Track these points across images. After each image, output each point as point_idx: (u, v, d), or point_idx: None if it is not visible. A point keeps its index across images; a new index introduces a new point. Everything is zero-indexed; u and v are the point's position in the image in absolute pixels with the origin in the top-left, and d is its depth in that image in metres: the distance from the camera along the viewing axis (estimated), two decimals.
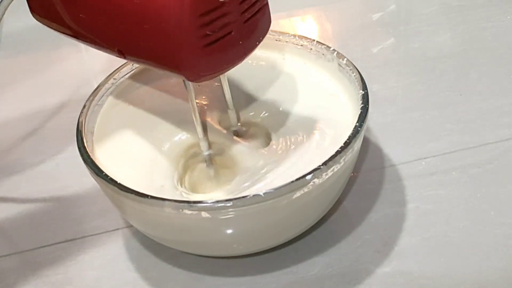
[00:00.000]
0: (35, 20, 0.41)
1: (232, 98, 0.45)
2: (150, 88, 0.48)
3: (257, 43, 0.38)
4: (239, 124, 0.47)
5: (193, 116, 0.42)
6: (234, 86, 0.49)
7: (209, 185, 0.44)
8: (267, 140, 0.46)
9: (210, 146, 0.45)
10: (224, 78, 0.43)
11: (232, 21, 0.36)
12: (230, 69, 0.38)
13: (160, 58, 0.36)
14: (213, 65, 0.36)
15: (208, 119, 0.48)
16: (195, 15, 0.34)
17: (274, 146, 0.45)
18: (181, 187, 0.43)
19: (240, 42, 0.37)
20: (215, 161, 0.45)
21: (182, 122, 0.47)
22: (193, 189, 0.43)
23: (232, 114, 0.46)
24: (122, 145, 0.45)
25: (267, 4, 0.38)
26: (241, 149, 0.45)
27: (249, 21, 0.37)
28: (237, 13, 0.36)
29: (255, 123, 0.47)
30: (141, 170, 0.44)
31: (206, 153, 0.44)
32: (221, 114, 0.48)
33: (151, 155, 0.45)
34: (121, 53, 0.38)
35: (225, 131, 0.47)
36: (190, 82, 0.40)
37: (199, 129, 0.42)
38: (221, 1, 0.35)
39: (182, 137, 0.47)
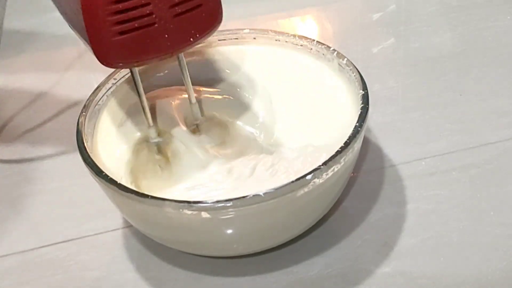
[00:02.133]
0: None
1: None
2: (150, 87, 0.48)
3: (191, 39, 0.38)
4: (203, 118, 0.46)
5: (140, 103, 0.42)
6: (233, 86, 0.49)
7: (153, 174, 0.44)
8: (223, 138, 0.46)
9: (159, 134, 0.45)
10: (186, 72, 0.43)
11: (155, 12, 0.36)
12: (154, 60, 0.38)
13: (84, 38, 0.36)
14: (128, 54, 0.36)
15: (175, 113, 0.47)
16: (108, 1, 0.34)
17: (228, 146, 0.45)
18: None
19: (166, 36, 0.37)
20: (163, 151, 0.45)
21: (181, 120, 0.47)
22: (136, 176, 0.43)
23: (194, 108, 0.45)
24: (123, 145, 0.45)
25: (208, 3, 0.38)
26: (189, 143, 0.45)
27: (179, 16, 0.37)
28: (164, 5, 0.36)
29: (218, 119, 0.47)
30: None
31: (153, 140, 0.44)
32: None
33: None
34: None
35: (182, 126, 0.46)
36: (135, 69, 0.41)
37: (147, 116, 0.43)
38: None
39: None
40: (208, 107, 0.47)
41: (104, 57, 0.37)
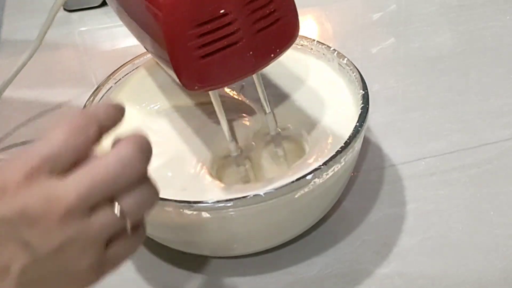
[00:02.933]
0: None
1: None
2: (151, 87, 0.48)
3: (272, 55, 0.36)
4: (278, 129, 0.44)
5: (219, 118, 0.40)
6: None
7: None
8: (300, 151, 0.44)
9: (239, 148, 0.43)
10: (259, 81, 0.41)
11: (239, 30, 0.34)
12: (236, 81, 0.36)
13: (167, 64, 0.35)
14: (213, 76, 0.35)
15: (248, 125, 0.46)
16: (190, 25, 0.33)
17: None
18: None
19: (250, 53, 0.35)
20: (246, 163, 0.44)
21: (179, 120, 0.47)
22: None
23: (269, 117, 0.43)
24: None
25: (288, 14, 0.36)
26: (268, 157, 0.44)
27: (262, 31, 0.35)
28: (246, 22, 0.34)
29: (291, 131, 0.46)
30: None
31: (234, 154, 0.43)
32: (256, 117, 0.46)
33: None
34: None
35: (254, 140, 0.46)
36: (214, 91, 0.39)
37: (226, 132, 0.41)
38: (222, 12, 0.33)
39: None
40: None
41: (188, 82, 0.35)
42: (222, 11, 0.33)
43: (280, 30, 0.36)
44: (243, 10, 0.34)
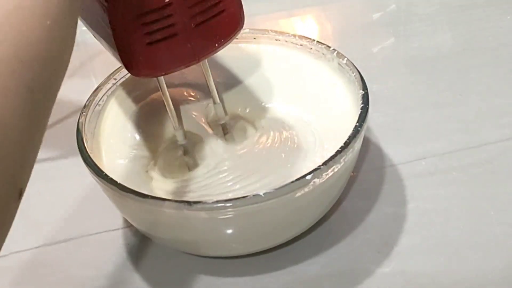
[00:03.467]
0: None
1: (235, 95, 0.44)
2: (150, 86, 0.48)
3: (215, 46, 0.38)
4: (227, 117, 0.47)
5: (166, 106, 0.43)
6: (235, 84, 0.49)
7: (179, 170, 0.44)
8: (250, 136, 0.46)
9: (185, 136, 0.45)
10: (207, 72, 0.43)
11: (178, 23, 0.36)
12: (180, 69, 0.38)
13: (114, 52, 0.37)
14: (156, 64, 0.37)
15: (194, 112, 0.48)
16: (136, 14, 0.35)
17: (256, 143, 0.45)
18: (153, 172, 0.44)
19: (189, 45, 0.37)
20: (190, 151, 0.45)
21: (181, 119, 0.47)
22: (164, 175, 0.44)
23: (218, 108, 0.46)
24: (123, 145, 0.45)
25: (232, 6, 0.38)
26: (216, 142, 0.46)
27: (201, 25, 0.37)
28: (185, 16, 0.36)
29: (243, 117, 0.48)
30: (140, 169, 0.44)
31: (181, 143, 0.45)
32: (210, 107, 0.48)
33: (150, 154, 0.46)
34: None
35: (203, 124, 0.47)
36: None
37: (173, 119, 0.43)
38: (165, 2, 0.35)
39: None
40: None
41: (134, 68, 0.37)
42: (166, 1, 0.35)
43: (224, 22, 0.38)
44: (185, 3, 0.36)
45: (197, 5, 0.36)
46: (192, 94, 0.49)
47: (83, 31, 0.74)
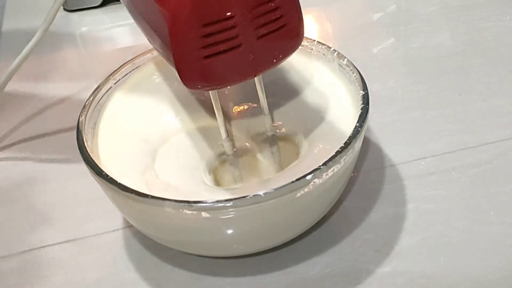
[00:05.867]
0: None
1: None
2: (152, 86, 0.48)
3: (274, 60, 0.37)
4: (273, 128, 0.46)
5: (216, 116, 0.42)
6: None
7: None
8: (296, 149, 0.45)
9: (234, 147, 0.45)
10: (259, 83, 0.42)
11: (241, 34, 0.35)
12: (237, 82, 0.37)
13: (170, 60, 0.36)
14: (214, 77, 0.36)
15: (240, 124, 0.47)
16: (196, 25, 0.33)
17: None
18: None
19: (251, 57, 0.36)
20: (239, 163, 0.45)
21: (180, 120, 0.47)
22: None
23: (267, 119, 0.44)
24: (123, 145, 0.45)
25: (293, 21, 0.37)
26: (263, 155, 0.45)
27: (264, 37, 0.36)
28: (249, 27, 0.35)
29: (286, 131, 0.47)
30: (139, 169, 0.44)
31: (229, 153, 0.44)
32: (252, 117, 0.47)
33: (151, 154, 0.45)
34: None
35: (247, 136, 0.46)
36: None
37: (223, 129, 0.42)
38: (228, 15, 0.34)
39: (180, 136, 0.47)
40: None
41: (189, 79, 0.36)
42: (228, 14, 0.34)
43: (284, 37, 0.37)
44: (248, 15, 0.34)
45: (261, 17, 0.35)
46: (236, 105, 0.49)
47: (82, 32, 0.75)
